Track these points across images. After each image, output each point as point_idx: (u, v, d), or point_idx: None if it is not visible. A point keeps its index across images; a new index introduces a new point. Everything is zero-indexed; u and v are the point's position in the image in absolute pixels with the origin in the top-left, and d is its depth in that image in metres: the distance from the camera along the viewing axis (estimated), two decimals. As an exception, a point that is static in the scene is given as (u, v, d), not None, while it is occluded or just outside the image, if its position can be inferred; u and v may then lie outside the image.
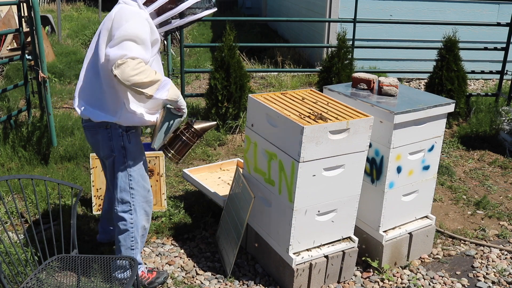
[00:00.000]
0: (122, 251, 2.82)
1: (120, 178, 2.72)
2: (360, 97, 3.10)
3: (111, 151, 2.68)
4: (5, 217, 3.54)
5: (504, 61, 6.16)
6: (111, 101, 2.56)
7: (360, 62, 7.25)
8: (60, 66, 7.03)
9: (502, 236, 3.70)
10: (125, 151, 2.69)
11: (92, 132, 2.70)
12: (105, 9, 12.30)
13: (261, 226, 3.10)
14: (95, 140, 2.73)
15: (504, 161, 5.01)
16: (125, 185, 2.73)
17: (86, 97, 2.63)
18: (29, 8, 4.13)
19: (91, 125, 2.67)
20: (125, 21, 2.41)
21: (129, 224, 2.78)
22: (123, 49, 2.35)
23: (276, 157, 2.81)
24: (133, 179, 2.74)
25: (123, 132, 2.65)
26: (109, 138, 2.65)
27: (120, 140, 2.66)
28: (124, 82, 2.35)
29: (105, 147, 2.69)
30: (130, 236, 2.79)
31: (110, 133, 2.64)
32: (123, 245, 2.80)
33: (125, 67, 2.33)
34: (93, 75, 2.59)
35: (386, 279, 3.12)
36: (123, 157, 2.69)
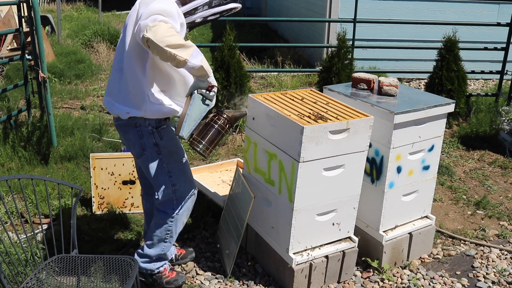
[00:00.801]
0: (154, 241, 2.77)
1: (160, 176, 2.66)
2: (360, 97, 3.10)
3: (143, 149, 2.62)
4: (5, 217, 3.54)
5: (504, 61, 6.16)
6: (135, 94, 2.51)
7: (360, 62, 7.25)
8: (60, 66, 7.03)
9: (502, 236, 3.70)
10: (158, 148, 2.61)
11: (123, 131, 2.65)
12: (105, 9, 12.30)
13: (261, 226, 3.10)
14: (127, 140, 2.67)
15: (504, 161, 5.01)
16: (167, 183, 2.67)
17: (115, 95, 2.60)
18: (29, 8, 4.13)
19: (121, 123, 2.62)
20: (153, 1, 2.34)
21: (169, 218, 2.73)
22: (152, 18, 2.26)
23: (276, 157, 2.81)
24: (173, 175, 2.67)
25: (153, 129, 2.59)
26: (140, 136, 2.59)
27: (151, 138, 2.60)
28: (158, 43, 2.18)
29: (136, 145, 2.63)
30: (167, 229, 2.75)
31: (140, 131, 2.58)
32: (156, 235, 2.76)
33: (157, 28, 2.20)
34: (118, 71, 2.55)
35: (386, 279, 3.12)
36: (157, 154, 2.62)
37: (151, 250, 2.80)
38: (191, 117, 2.42)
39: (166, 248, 2.81)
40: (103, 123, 5.11)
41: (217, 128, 2.51)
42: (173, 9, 2.38)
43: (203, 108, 2.45)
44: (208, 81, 2.42)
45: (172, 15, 2.35)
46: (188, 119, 2.41)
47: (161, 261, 2.86)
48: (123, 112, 2.55)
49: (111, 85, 2.64)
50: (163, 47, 2.20)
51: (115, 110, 2.59)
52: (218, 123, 2.52)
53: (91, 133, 4.82)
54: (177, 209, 2.73)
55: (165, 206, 2.73)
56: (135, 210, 3.74)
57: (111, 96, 2.62)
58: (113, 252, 3.22)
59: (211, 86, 2.44)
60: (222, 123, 2.53)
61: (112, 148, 4.62)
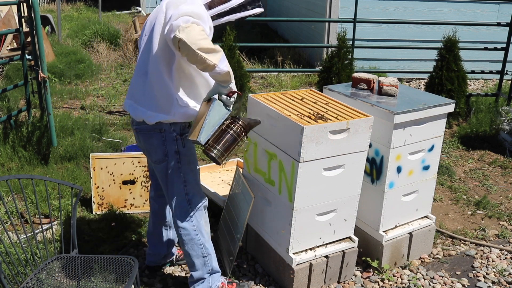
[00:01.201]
0: (195, 262, 2.69)
1: (175, 184, 2.60)
2: (360, 97, 3.10)
3: (165, 155, 2.55)
4: (5, 217, 3.54)
5: (504, 61, 6.16)
6: (162, 98, 2.46)
7: (360, 62, 7.25)
8: (60, 66, 7.03)
9: (502, 236, 3.70)
10: (179, 156, 2.56)
11: (145, 136, 2.57)
12: (105, 9, 12.30)
13: (261, 226, 3.10)
14: (148, 145, 2.59)
15: (504, 161, 5.01)
16: (181, 192, 2.61)
17: (139, 99, 2.54)
18: (29, 8, 4.13)
19: (145, 128, 2.54)
20: (182, 3, 2.32)
21: (192, 232, 2.65)
22: (184, 19, 2.24)
23: (276, 157, 2.81)
24: (188, 184, 2.61)
25: (177, 135, 2.53)
26: (163, 142, 2.53)
27: (174, 145, 2.54)
28: (191, 45, 2.15)
29: (159, 151, 2.56)
30: (197, 244, 2.66)
31: (164, 137, 2.52)
32: (193, 255, 2.68)
33: (190, 30, 2.16)
34: (143, 74, 2.50)
35: (386, 279, 3.12)
36: (176, 162, 2.56)
37: (199, 272, 2.72)
38: (210, 123, 2.36)
39: (209, 261, 2.73)
40: (103, 123, 5.11)
41: (232, 135, 2.43)
42: (203, 12, 2.36)
43: (223, 114, 2.40)
44: (229, 87, 2.39)
45: (202, 18, 2.32)
46: (207, 124, 2.35)
47: (214, 275, 2.78)
48: (149, 117, 2.48)
49: (134, 88, 2.58)
50: (194, 50, 2.17)
51: (139, 114, 2.52)
52: (233, 130, 2.44)
53: (91, 133, 4.82)
54: (195, 220, 2.66)
55: (183, 219, 2.64)
56: (135, 210, 3.74)
57: (134, 99, 2.56)
58: (113, 252, 3.22)
59: (232, 92, 2.41)
60: (238, 130, 2.45)
61: (112, 148, 4.62)
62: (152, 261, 3.06)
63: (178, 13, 2.27)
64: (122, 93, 6.60)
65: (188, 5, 2.32)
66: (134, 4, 12.88)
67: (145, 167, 3.72)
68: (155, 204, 2.96)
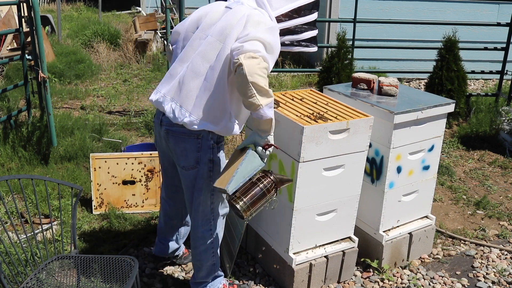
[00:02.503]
0: (203, 268, 2.67)
1: (203, 192, 2.51)
2: (360, 97, 3.10)
3: (197, 162, 2.45)
4: (5, 217, 3.54)
5: (504, 61, 6.16)
6: (218, 109, 2.34)
7: (360, 62, 7.25)
8: (60, 66, 7.03)
9: (502, 236, 3.70)
10: (212, 164, 2.47)
11: (178, 138, 2.43)
12: (105, 9, 12.30)
13: (261, 226, 3.10)
14: (179, 148, 2.45)
15: (504, 161, 5.01)
16: (207, 200, 2.53)
17: (186, 102, 2.36)
18: (29, 8, 4.13)
19: (180, 131, 2.41)
20: (264, 25, 2.29)
21: (209, 241, 2.62)
22: (257, 46, 2.19)
23: (276, 157, 2.81)
24: (215, 193, 2.53)
25: (214, 144, 2.44)
26: (198, 149, 2.42)
27: (209, 153, 2.44)
28: (248, 75, 2.11)
29: (191, 157, 2.44)
30: (210, 252, 2.65)
31: (200, 143, 2.41)
32: (203, 260, 2.66)
33: (255, 62, 2.13)
34: (198, 76, 2.35)
35: (386, 279, 3.12)
36: (208, 170, 2.47)
37: (204, 276, 2.71)
38: (241, 173, 2.23)
39: (216, 267, 2.72)
40: (103, 123, 5.11)
41: (262, 189, 2.29)
42: (277, 45, 2.33)
43: (256, 166, 2.28)
44: (267, 139, 2.34)
45: (275, 52, 2.31)
46: (238, 174, 2.22)
47: (217, 279, 2.77)
48: (194, 123, 2.35)
49: (182, 89, 2.38)
50: (248, 81, 2.12)
51: (181, 118, 2.35)
52: (264, 184, 2.30)
53: (91, 133, 4.82)
54: (213, 229, 2.62)
55: (203, 228, 2.60)
56: (135, 210, 3.74)
57: (180, 101, 2.38)
58: (113, 252, 3.22)
59: (269, 145, 2.34)
60: (269, 185, 2.30)
61: (112, 148, 4.62)
62: (160, 252, 3.04)
63: (255, 35, 2.23)
64: (122, 93, 6.60)
65: (268, 33, 2.28)
66: (134, 4, 12.88)
67: (145, 167, 3.72)
68: (166, 205, 2.91)
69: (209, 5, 2.55)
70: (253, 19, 2.32)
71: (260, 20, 2.32)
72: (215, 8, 2.47)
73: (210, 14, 2.45)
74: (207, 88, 2.34)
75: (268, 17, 2.38)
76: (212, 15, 2.44)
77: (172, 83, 2.44)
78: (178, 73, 2.43)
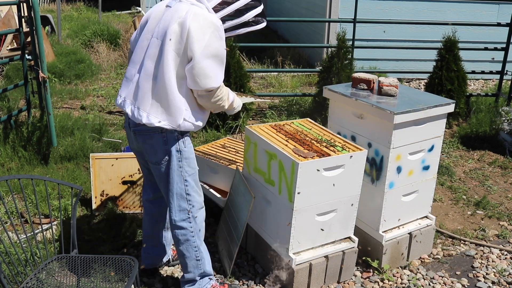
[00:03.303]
0: (188, 264, 2.69)
1: (176, 184, 2.58)
2: (360, 97, 3.10)
3: (166, 155, 2.53)
4: (5, 217, 3.54)
5: (504, 61, 6.16)
6: (174, 107, 2.43)
7: (360, 62, 7.25)
8: (60, 66, 7.03)
9: (502, 236, 3.70)
10: (180, 155, 2.55)
11: (144, 136, 2.53)
12: (105, 9, 12.29)
13: (261, 226, 3.10)
14: (148, 146, 2.55)
15: (504, 161, 5.01)
16: (182, 191, 2.59)
17: (143, 101, 2.46)
18: (29, 8, 4.13)
19: (143, 129, 2.51)
20: (205, 35, 2.35)
21: (189, 233, 2.64)
22: (208, 78, 2.38)
23: (276, 157, 2.81)
24: (188, 184, 2.60)
25: (178, 135, 2.53)
26: (164, 142, 2.51)
27: (176, 144, 2.53)
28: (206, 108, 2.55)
29: (159, 152, 2.53)
30: (192, 246, 2.66)
31: (166, 137, 2.50)
32: (187, 257, 2.67)
33: (209, 98, 2.47)
34: (153, 78, 2.44)
35: (386, 279, 3.12)
36: (178, 161, 2.55)
37: (191, 274, 2.72)
38: None
39: (202, 264, 2.72)
40: (103, 123, 5.11)
41: None
42: (223, 46, 2.43)
43: None
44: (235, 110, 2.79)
45: (223, 58, 2.44)
46: None
47: (206, 278, 2.77)
48: (151, 122, 2.44)
49: (140, 90, 2.48)
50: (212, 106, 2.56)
51: (140, 118, 2.46)
52: None
53: (91, 133, 4.82)
54: (193, 221, 2.65)
55: (181, 219, 2.63)
56: (135, 210, 3.74)
57: (137, 103, 2.48)
58: (113, 252, 3.22)
59: None
60: None
61: (112, 148, 4.62)
62: (151, 264, 3.04)
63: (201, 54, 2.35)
64: (122, 93, 6.59)
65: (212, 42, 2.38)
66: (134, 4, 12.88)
67: (145, 167, 3.72)
68: (152, 207, 2.92)
69: (154, 6, 2.63)
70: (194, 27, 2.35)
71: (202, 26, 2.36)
72: (157, 9, 2.57)
73: (153, 15, 2.55)
74: (158, 87, 2.43)
75: (206, 11, 2.43)
76: (155, 15, 2.54)
77: (129, 86, 2.55)
78: (133, 76, 2.54)
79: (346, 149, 2.83)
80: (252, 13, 2.54)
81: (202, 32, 2.35)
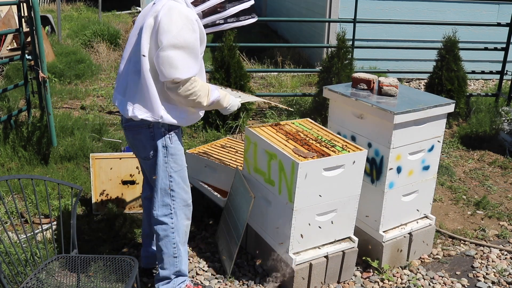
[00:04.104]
0: (164, 260, 2.68)
1: (160, 179, 2.60)
2: (360, 97, 3.10)
3: (154, 150, 2.57)
4: (5, 217, 3.54)
5: (504, 61, 6.16)
6: (154, 99, 2.46)
7: (360, 62, 7.25)
8: (60, 66, 7.03)
9: (502, 236, 3.70)
10: (166, 151, 2.57)
11: (133, 132, 2.58)
12: (105, 9, 12.30)
13: (261, 226, 3.10)
14: (137, 141, 2.60)
15: (504, 161, 5.01)
16: (165, 187, 2.61)
17: (129, 96, 2.52)
18: (29, 8, 4.13)
19: (132, 124, 2.56)
20: (175, 27, 2.32)
21: (169, 229, 2.64)
22: (174, 68, 2.33)
23: (276, 157, 2.81)
24: (173, 180, 2.61)
25: (165, 131, 2.55)
26: (152, 137, 2.54)
27: (162, 140, 2.55)
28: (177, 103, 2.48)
29: (147, 147, 2.57)
30: (171, 242, 2.66)
31: (153, 132, 2.54)
32: (165, 253, 2.67)
33: (178, 91, 2.40)
34: (135, 73, 2.49)
35: (386, 279, 3.12)
36: (164, 156, 2.57)
37: (166, 271, 2.71)
38: None
39: (179, 263, 2.71)
40: (103, 123, 5.11)
41: None
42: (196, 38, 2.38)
43: None
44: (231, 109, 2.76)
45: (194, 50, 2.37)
46: None
47: (180, 277, 2.76)
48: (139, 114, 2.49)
49: (126, 85, 2.55)
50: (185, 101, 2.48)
51: (126, 112, 2.51)
52: None
53: (91, 133, 4.82)
54: (175, 218, 2.66)
55: (163, 214, 2.65)
56: (135, 210, 3.74)
57: (127, 98, 2.53)
58: (113, 252, 3.22)
59: None
60: None
61: (112, 148, 4.62)
62: (149, 263, 3.04)
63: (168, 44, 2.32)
64: (122, 93, 6.60)
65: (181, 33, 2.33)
66: (134, 4, 12.89)
67: (145, 167, 3.72)
68: (150, 204, 2.89)
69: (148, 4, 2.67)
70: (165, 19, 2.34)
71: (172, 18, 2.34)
72: (146, 7, 2.60)
73: (142, 12, 2.60)
74: (140, 82, 2.47)
75: (184, 5, 2.41)
76: (143, 12, 2.58)
77: (120, 81, 2.61)
78: (122, 72, 2.59)
79: (346, 149, 2.84)
80: (237, 8, 2.50)
81: (172, 24, 2.33)
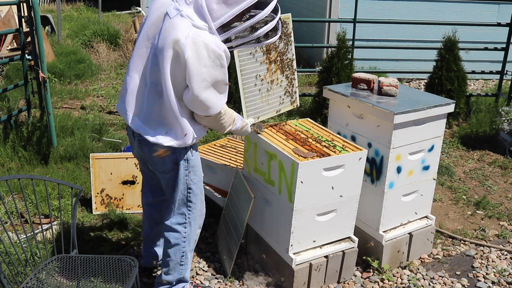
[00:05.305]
0: (170, 267, 2.65)
1: (179, 191, 2.56)
2: (360, 97, 3.10)
3: (175, 164, 2.51)
4: (5, 217, 3.54)
5: (504, 61, 6.15)
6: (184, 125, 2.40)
7: (360, 62, 7.25)
8: (60, 66, 7.02)
9: (502, 236, 3.70)
10: (187, 163, 2.53)
11: (150, 147, 2.47)
12: (105, 9, 12.30)
13: (261, 226, 3.10)
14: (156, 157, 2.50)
15: (504, 161, 5.01)
16: (184, 198, 2.58)
17: (149, 120, 2.43)
18: (29, 8, 4.13)
19: None
20: (204, 68, 2.24)
21: (181, 238, 2.62)
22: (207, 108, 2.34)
23: (276, 157, 2.81)
24: (192, 192, 2.59)
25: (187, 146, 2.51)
26: (173, 151, 2.47)
27: (184, 153, 2.50)
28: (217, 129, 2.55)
29: (168, 161, 2.50)
30: (181, 251, 2.64)
31: (175, 152, 2.49)
32: (172, 260, 2.64)
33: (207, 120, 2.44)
34: (155, 94, 2.37)
35: (386, 279, 3.12)
36: (185, 169, 2.53)
37: (170, 276, 2.69)
38: None
39: (184, 271, 2.70)
40: (103, 123, 5.10)
41: None
42: (225, 73, 2.34)
43: None
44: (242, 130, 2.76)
45: (224, 80, 2.36)
46: None
47: (181, 283, 2.75)
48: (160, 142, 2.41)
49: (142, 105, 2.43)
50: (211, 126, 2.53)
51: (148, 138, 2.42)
52: None
53: (91, 133, 4.82)
54: (188, 227, 2.64)
55: (177, 223, 2.62)
56: (135, 210, 3.74)
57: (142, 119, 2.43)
58: (113, 252, 3.22)
59: None
60: None
61: (112, 148, 4.62)
62: (150, 263, 3.04)
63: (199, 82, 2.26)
64: (122, 93, 6.60)
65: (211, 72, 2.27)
66: (134, 4, 12.88)
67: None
68: (151, 210, 2.91)
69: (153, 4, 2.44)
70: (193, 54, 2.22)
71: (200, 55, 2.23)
72: (156, 11, 2.38)
73: (152, 18, 2.39)
74: (163, 105, 2.37)
75: (206, 32, 2.27)
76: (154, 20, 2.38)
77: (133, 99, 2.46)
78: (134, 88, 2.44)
79: (346, 149, 2.84)
80: (264, 30, 2.36)
81: (201, 65, 2.24)
